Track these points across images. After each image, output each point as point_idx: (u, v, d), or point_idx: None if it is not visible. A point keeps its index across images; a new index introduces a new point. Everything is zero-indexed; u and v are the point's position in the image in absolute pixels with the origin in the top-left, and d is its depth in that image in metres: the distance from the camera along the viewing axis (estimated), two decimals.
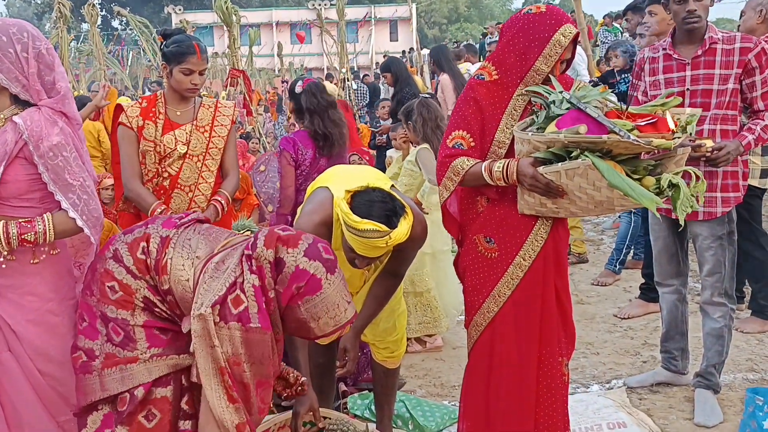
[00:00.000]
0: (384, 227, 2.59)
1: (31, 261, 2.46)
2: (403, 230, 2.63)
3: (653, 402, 3.74)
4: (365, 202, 2.64)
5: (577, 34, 2.64)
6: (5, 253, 2.40)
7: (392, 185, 2.98)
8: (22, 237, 2.38)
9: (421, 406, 3.65)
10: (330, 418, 2.95)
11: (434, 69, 8.23)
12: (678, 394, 3.80)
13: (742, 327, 4.63)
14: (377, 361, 3.30)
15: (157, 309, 2.36)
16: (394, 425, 3.50)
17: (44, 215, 2.42)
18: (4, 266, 2.42)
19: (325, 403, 3.40)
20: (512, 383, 2.73)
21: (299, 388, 2.69)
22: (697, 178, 2.60)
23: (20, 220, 2.40)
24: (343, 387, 3.93)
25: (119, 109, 3.56)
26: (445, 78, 7.49)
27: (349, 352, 3.03)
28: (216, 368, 2.17)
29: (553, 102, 2.53)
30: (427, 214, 3.97)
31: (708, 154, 3.22)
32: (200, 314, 2.16)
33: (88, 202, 2.47)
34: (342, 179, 2.92)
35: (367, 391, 3.82)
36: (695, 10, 3.39)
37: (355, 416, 3.67)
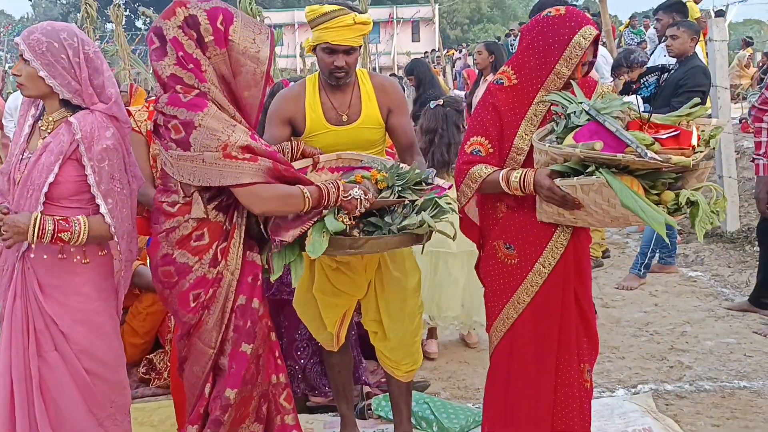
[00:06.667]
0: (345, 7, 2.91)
1: (82, 261, 2.50)
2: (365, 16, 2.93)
3: (680, 408, 3.71)
4: None
5: (598, 36, 2.62)
6: (32, 245, 2.42)
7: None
8: (58, 236, 2.41)
9: (446, 408, 3.64)
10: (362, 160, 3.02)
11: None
12: (706, 400, 3.76)
13: None
14: (386, 371, 3.27)
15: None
16: (418, 427, 3.50)
17: (79, 216, 2.45)
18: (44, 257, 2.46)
19: (347, 403, 3.41)
20: (529, 389, 2.73)
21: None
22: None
23: (58, 218, 2.42)
24: (367, 389, 3.93)
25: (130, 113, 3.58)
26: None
27: None
28: None
29: (573, 112, 2.51)
30: None
31: None
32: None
33: (122, 211, 2.51)
34: None
35: None
36: None
37: (380, 417, 3.68)
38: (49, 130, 2.49)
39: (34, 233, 2.38)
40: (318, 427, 3.62)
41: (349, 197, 2.53)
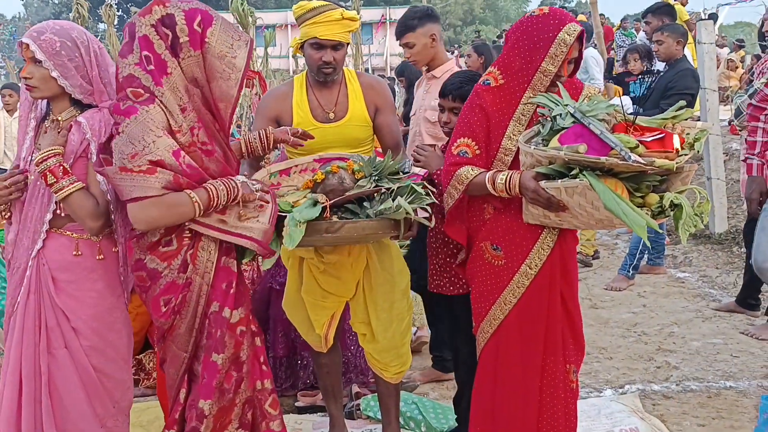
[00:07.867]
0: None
1: (96, 257, 2.51)
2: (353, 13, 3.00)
3: (667, 408, 3.73)
4: None
5: (582, 32, 2.63)
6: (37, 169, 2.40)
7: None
8: (49, 172, 2.38)
9: (434, 408, 3.66)
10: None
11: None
12: (692, 400, 3.79)
13: (758, 333, 4.62)
14: (375, 372, 3.28)
15: None
16: (406, 427, 3.51)
17: (79, 183, 2.42)
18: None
19: (336, 403, 3.42)
20: (515, 389, 2.75)
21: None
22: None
23: (63, 166, 2.40)
24: (356, 389, 3.94)
25: None
26: None
27: None
28: None
29: (559, 114, 2.53)
30: None
31: None
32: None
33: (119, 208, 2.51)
34: None
35: None
36: None
37: (369, 418, 3.69)
38: (57, 130, 2.49)
39: (46, 152, 2.38)
40: (307, 427, 3.63)
41: (254, 190, 2.46)
